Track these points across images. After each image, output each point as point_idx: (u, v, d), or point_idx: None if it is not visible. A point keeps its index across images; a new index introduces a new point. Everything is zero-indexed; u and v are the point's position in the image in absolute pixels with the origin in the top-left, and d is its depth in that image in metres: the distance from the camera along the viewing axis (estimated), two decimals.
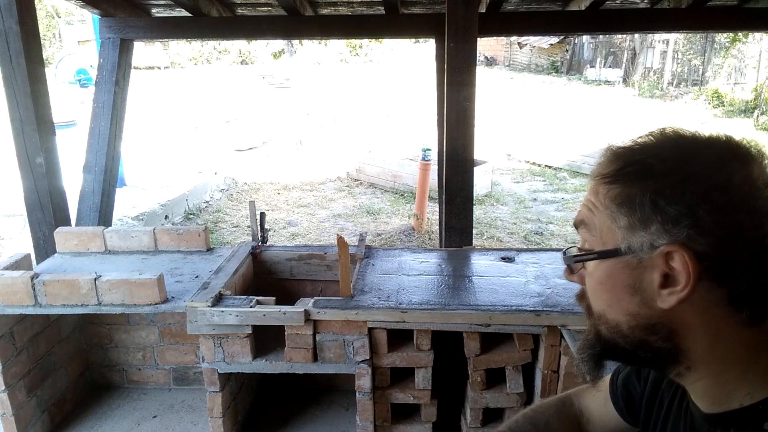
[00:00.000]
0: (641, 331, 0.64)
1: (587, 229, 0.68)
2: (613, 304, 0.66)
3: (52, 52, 19.17)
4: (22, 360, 2.33)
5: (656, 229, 0.59)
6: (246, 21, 4.11)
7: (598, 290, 0.68)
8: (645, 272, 0.62)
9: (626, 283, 0.63)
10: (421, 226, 6.20)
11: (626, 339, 0.66)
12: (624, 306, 0.64)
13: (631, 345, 0.66)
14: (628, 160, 0.65)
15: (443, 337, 2.25)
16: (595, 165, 0.69)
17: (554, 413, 1.00)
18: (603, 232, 0.65)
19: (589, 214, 0.67)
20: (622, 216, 0.62)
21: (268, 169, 9.17)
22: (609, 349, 0.69)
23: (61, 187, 3.08)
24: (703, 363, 0.64)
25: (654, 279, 0.61)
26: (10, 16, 2.71)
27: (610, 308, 0.66)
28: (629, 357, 0.69)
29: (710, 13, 3.77)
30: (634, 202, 0.61)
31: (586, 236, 0.68)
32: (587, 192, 0.69)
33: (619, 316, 0.65)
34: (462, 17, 2.80)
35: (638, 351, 0.66)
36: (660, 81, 17.96)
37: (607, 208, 0.64)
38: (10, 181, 4.92)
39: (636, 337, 0.65)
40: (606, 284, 0.66)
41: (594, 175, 0.68)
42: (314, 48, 23.57)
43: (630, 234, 0.62)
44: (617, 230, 0.63)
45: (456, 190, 3.00)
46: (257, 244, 2.75)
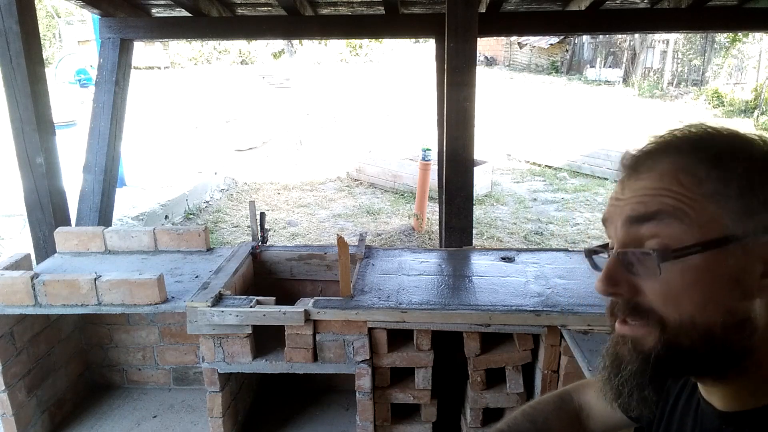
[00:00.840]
0: (734, 330, 0.58)
1: (672, 220, 0.58)
2: (710, 304, 0.58)
3: (52, 52, 19.18)
4: (22, 360, 2.33)
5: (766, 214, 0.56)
6: (246, 21, 4.11)
7: (690, 290, 0.58)
8: (748, 261, 0.57)
9: (729, 276, 0.57)
10: (421, 226, 6.20)
11: (712, 343, 0.58)
12: (724, 303, 0.58)
13: (714, 350, 0.59)
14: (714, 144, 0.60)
15: (443, 337, 2.25)
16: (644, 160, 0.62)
17: (553, 410, 1.00)
18: (702, 221, 0.57)
19: (676, 203, 0.58)
20: (738, 199, 0.56)
21: (268, 169, 9.17)
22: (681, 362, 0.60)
23: (61, 187, 3.08)
24: (756, 363, 0.60)
25: (756, 268, 0.57)
26: (10, 16, 2.71)
27: (704, 310, 0.58)
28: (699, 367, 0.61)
29: (710, 13, 3.77)
30: (752, 182, 0.57)
31: (670, 230, 0.58)
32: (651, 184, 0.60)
33: (715, 316, 0.58)
34: (462, 17, 2.80)
35: (717, 357, 0.59)
36: (660, 81, 17.96)
37: (711, 194, 0.57)
38: (10, 181, 4.92)
39: (725, 339, 0.58)
40: (704, 279, 0.58)
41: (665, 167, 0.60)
42: (314, 48, 23.58)
43: (744, 218, 0.56)
44: (726, 216, 0.57)
45: (456, 190, 3.00)
46: (257, 244, 2.75)
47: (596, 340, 1.97)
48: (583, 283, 2.33)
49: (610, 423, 0.96)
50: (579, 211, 7.01)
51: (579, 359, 1.87)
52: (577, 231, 6.32)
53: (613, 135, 10.18)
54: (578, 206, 7.22)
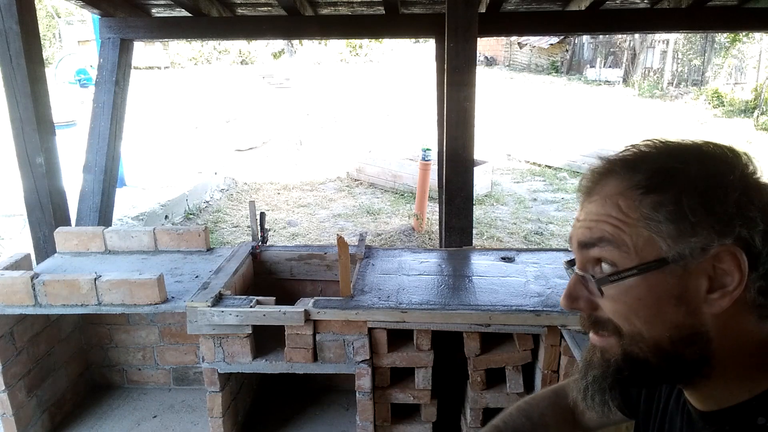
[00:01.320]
0: (683, 343, 0.61)
1: (613, 245, 0.62)
2: (656, 320, 0.62)
3: (52, 52, 19.18)
4: (22, 360, 2.33)
5: (708, 232, 0.57)
6: (246, 21, 4.11)
7: (635, 308, 0.62)
8: (690, 279, 0.59)
9: (671, 294, 0.60)
10: (421, 226, 6.20)
11: (663, 355, 0.62)
12: (669, 319, 0.61)
13: (666, 362, 0.62)
14: (652, 167, 0.62)
15: (443, 337, 2.25)
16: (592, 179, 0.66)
17: (548, 405, 1.00)
18: (639, 246, 0.61)
19: (614, 229, 0.62)
20: (668, 223, 0.59)
21: (268, 169, 9.17)
22: (639, 370, 0.64)
23: (61, 187, 3.08)
24: (720, 368, 0.62)
25: (701, 284, 0.59)
26: (10, 16, 2.71)
27: (650, 325, 0.62)
28: (656, 376, 0.65)
29: (710, 13, 3.77)
30: (680, 207, 0.58)
31: (609, 254, 0.63)
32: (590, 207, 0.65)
33: (662, 331, 0.61)
34: (462, 17, 2.80)
35: (671, 368, 0.63)
36: (660, 81, 17.96)
37: (644, 219, 0.60)
38: (10, 181, 4.92)
39: (675, 352, 0.62)
40: (646, 299, 0.61)
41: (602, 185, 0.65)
42: (314, 48, 23.57)
43: (677, 241, 0.59)
44: (660, 240, 0.60)
45: (456, 190, 3.00)
46: (257, 244, 2.75)
47: None
48: None
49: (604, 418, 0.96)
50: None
51: (579, 359, 1.87)
52: None
53: (613, 135, 10.19)
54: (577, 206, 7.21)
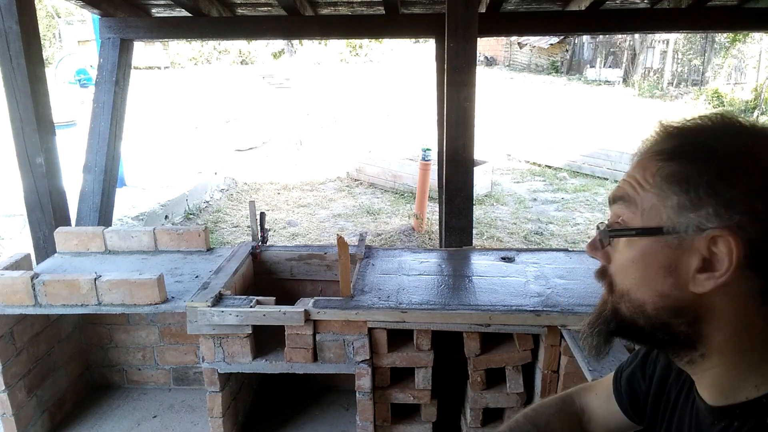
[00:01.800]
0: (666, 312, 0.63)
1: (627, 205, 0.66)
2: (643, 284, 0.65)
3: (52, 52, 19.18)
4: (22, 360, 2.33)
5: (707, 212, 0.58)
6: (246, 21, 4.11)
7: (628, 268, 0.66)
8: (684, 254, 0.61)
9: (662, 264, 0.62)
10: (421, 226, 6.20)
11: (648, 319, 0.65)
12: (654, 286, 0.64)
13: (651, 326, 0.65)
14: (687, 139, 0.64)
15: (443, 337, 2.25)
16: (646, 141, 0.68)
17: (555, 412, 1.00)
18: (646, 210, 0.64)
19: (632, 190, 0.66)
20: (673, 195, 0.61)
21: (268, 169, 9.17)
22: (625, 327, 0.68)
23: (61, 187, 3.08)
24: (718, 352, 0.63)
25: (692, 262, 0.60)
26: (10, 16, 2.71)
27: (638, 287, 0.65)
28: (644, 337, 0.68)
29: (710, 13, 3.77)
30: (690, 181, 0.60)
31: (623, 212, 0.67)
32: (631, 168, 0.68)
33: (646, 295, 0.65)
34: (462, 17, 2.80)
35: (657, 333, 0.66)
36: (660, 81, 17.96)
37: (656, 186, 0.63)
38: (10, 181, 4.92)
39: (659, 319, 0.64)
40: (639, 263, 0.65)
41: (644, 151, 0.67)
42: (314, 48, 23.57)
43: (678, 214, 0.61)
44: (663, 209, 0.62)
45: (456, 190, 2.99)
46: (257, 244, 2.75)
47: None
48: (583, 283, 2.33)
49: (611, 426, 0.96)
50: (579, 211, 7.01)
51: (579, 359, 1.87)
52: (577, 231, 6.32)
53: (613, 135, 10.18)
54: (578, 206, 7.22)
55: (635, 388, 0.88)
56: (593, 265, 0.73)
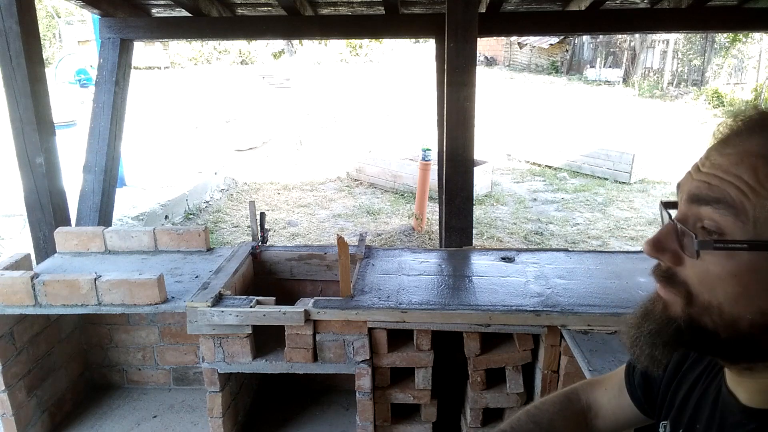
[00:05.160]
0: (761, 329, 0.57)
1: (729, 211, 0.57)
2: (741, 299, 0.57)
3: (52, 52, 19.17)
4: (22, 360, 2.33)
5: None
6: (246, 21, 4.11)
7: (726, 282, 0.58)
8: None
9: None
10: (421, 226, 6.20)
11: (736, 334, 0.58)
12: (757, 302, 0.57)
13: (736, 340, 0.59)
14: None
15: (443, 337, 2.25)
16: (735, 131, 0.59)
17: (558, 410, 0.98)
18: (760, 221, 0.55)
19: (740, 195, 0.56)
20: None
21: (268, 169, 9.17)
22: (701, 340, 0.61)
23: (61, 187, 3.08)
24: None
25: None
26: (10, 16, 2.71)
27: (736, 302, 0.58)
28: (719, 349, 0.62)
29: (710, 13, 3.77)
30: None
31: (723, 221, 0.57)
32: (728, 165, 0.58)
33: (744, 311, 0.57)
34: (462, 17, 2.80)
35: (739, 346, 0.60)
36: (660, 81, 17.95)
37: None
38: (10, 181, 4.92)
39: (751, 334, 0.58)
40: (743, 277, 0.57)
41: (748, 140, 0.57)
42: (314, 48, 23.56)
43: None
44: None
45: (456, 190, 2.99)
46: (257, 244, 2.75)
47: (596, 340, 1.97)
48: (583, 283, 2.33)
49: (620, 421, 0.94)
50: (579, 211, 7.01)
51: (579, 359, 1.87)
52: (577, 231, 6.32)
53: (613, 135, 10.18)
54: (578, 206, 7.22)
55: (650, 379, 0.87)
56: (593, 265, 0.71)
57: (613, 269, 2.47)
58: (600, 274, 2.42)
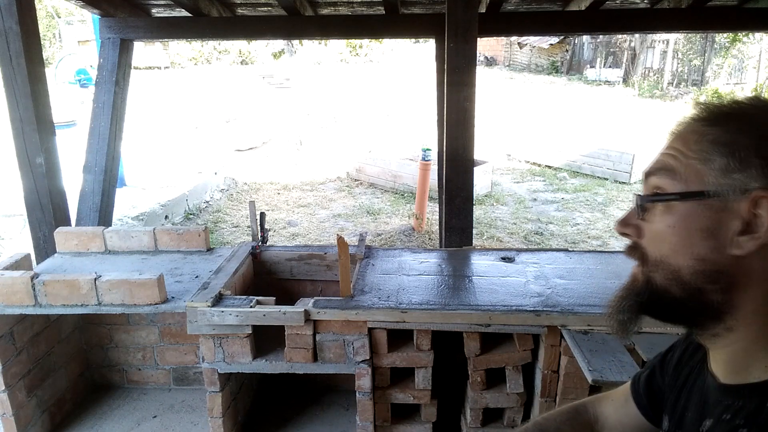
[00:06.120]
0: (703, 277, 0.63)
1: (666, 173, 0.67)
2: (681, 248, 0.65)
3: (52, 52, 19.17)
4: (22, 360, 2.33)
5: (752, 173, 0.59)
6: (246, 21, 4.11)
7: (666, 234, 0.66)
8: (726, 216, 0.61)
9: (703, 226, 0.63)
10: (421, 226, 6.20)
11: (683, 286, 0.65)
12: (693, 250, 0.64)
13: (684, 292, 0.65)
14: (731, 108, 0.65)
15: (443, 337, 2.25)
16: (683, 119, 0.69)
17: (566, 421, 1.00)
18: (688, 176, 0.64)
19: (673, 160, 0.66)
20: (719, 157, 0.62)
21: (268, 169, 9.17)
22: (657, 297, 0.68)
23: (61, 187, 3.08)
24: (744, 324, 0.64)
25: (733, 224, 0.61)
26: (10, 16, 2.71)
27: (675, 252, 0.65)
28: (676, 307, 0.67)
29: (710, 13, 3.77)
30: (735, 144, 0.61)
31: (662, 182, 0.67)
32: (668, 143, 0.69)
33: (683, 260, 0.64)
34: (462, 17, 2.80)
35: (690, 301, 0.65)
36: (660, 81, 17.95)
37: (700, 151, 0.64)
38: (10, 181, 4.92)
39: (694, 285, 0.64)
40: (679, 227, 0.65)
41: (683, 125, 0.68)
42: (314, 48, 23.56)
43: (722, 176, 0.61)
44: (708, 172, 0.63)
45: (456, 190, 2.99)
46: (257, 244, 2.75)
47: (596, 340, 1.97)
48: (583, 283, 2.33)
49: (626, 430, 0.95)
50: (579, 211, 7.01)
51: (579, 359, 1.87)
52: (577, 231, 6.32)
53: (613, 135, 10.17)
54: (578, 206, 7.22)
55: (654, 387, 0.89)
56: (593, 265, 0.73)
57: (613, 269, 2.47)
58: (600, 274, 2.42)
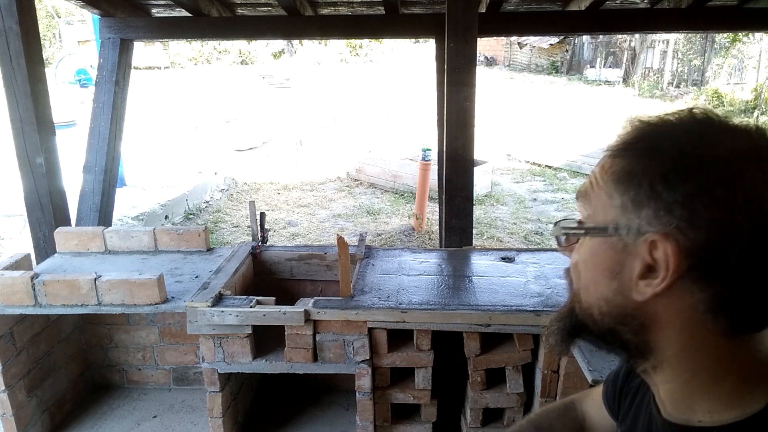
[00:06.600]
0: (611, 319, 0.61)
1: (584, 202, 0.64)
2: (590, 286, 0.63)
3: (52, 52, 19.17)
4: (22, 360, 2.33)
5: (647, 214, 0.55)
6: (246, 21, 4.11)
7: (580, 267, 0.64)
8: (628, 258, 0.57)
9: (607, 266, 0.60)
10: (421, 226, 6.20)
11: (595, 324, 0.63)
12: (600, 289, 0.61)
13: (599, 330, 0.63)
14: (640, 135, 0.60)
15: (443, 337, 2.25)
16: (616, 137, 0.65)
17: (557, 416, 1.00)
18: (597, 208, 0.61)
19: (590, 187, 0.63)
20: (617, 194, 0.58)
21: (268, 169, 9.17)
22: (579, 328, 0.66)
23: (61, 187, 3.08)
24: (670, 366, 0.60)
25: (635, 267, 0.57)
26: (10, 16, 2.71)
27: (587, 289, 0.63)
28: (597, 341, 0.65)
29: (710, 13, 3.77)
30: (633, 180, 0.57)
31: (583, 210, 0.64)
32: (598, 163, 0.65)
33: (592, 299, 0.62)
34: (462, 17, 2.80)
35: (606, 338, 0.63)
36: (660, 81, 17.96)
37: (606, 183, 0.60)
38: (10, 181, 4.92)
39: (605, 325, 0.62)
40: (588, 263, 0.62)
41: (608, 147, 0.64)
42: (314, 48, 23.56)
43: (621, 214, 0.58)
44: (610, 208, 0.59)
45: (456, 190, 2.99)
46: (257, 244, 2.75)
47: None
48: None
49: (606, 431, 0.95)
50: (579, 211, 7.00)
51: (579, 359, 1.87)
52: None
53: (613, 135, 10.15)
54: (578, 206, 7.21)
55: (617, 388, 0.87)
56: None
57: None
58: None
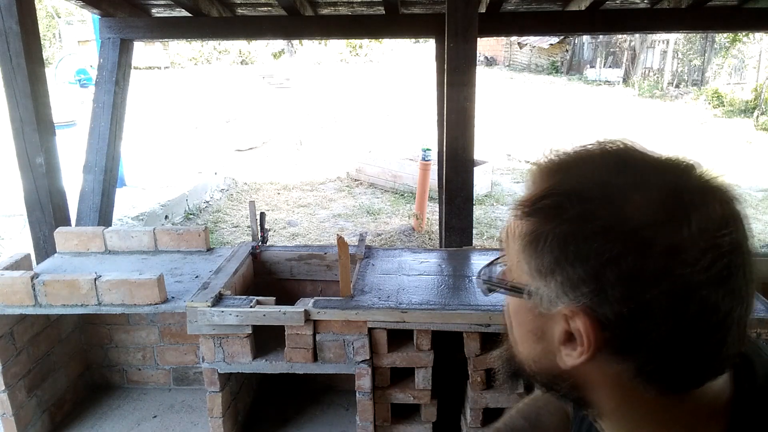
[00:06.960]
0: (543, 377, 0.59)
1: (506, 252, 0.57)
2: (519, 343, 0.59)
3: (52, 52, 19.16)
4: (22, 360, 2.33)
5: (556, 287, 0.50)
6: (246, 21, 4.11)
7: (508, 321, 0.60)
8: (548, 323, 0.53)
9: (530, 328, 0.56)
10: (421, 226, 6.20)
11: (533, 377, 0.60)
12: (527, 349, 0.58)
13: (538, 382, 0.61)
14: (545, 190, 0.52)
15: (443, 337, 2.25)
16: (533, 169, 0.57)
17: (544, 404, 1.01)
18: (514, 264, 0.55)
19: (505, 236, 0.56)
20: (525, 261, 0.53)
21: (268, 169, 9.17)
22: (520, 374, 0.63)
23: (61, 187, 3.08)
24: (611, 420, 0.58)
25: (555, 333, 0.53)
26: (10, 16, 2.71)
27: (517, 345, 0.60)
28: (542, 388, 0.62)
29: (710, 13, 3.77)
30: (537, 248, 0.51)
31: (506, 259, 0.58)
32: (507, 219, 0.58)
33: (523, 355, 0.59)
34: (462, 17, 2.80)
35: (547, 388, 0.60)
36: (660, 81, 17.96)
37: (515, 245, 0.54)
38: (10, 181, 4.92)
39: (540, 380, 0.60)
40: (514, 321, 0.59)
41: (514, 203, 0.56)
42: (314, 48, 23.56)
43: (532, 281, 0.53)
44: (522, 273, 0.54)
45: (456, 190, 2.99)
46: (257, 244, 2.75)
47: None
48: None
49: None
50: None
51: None
52: None
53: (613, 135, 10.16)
54: None
55: None
56: None
57: None
58: None
